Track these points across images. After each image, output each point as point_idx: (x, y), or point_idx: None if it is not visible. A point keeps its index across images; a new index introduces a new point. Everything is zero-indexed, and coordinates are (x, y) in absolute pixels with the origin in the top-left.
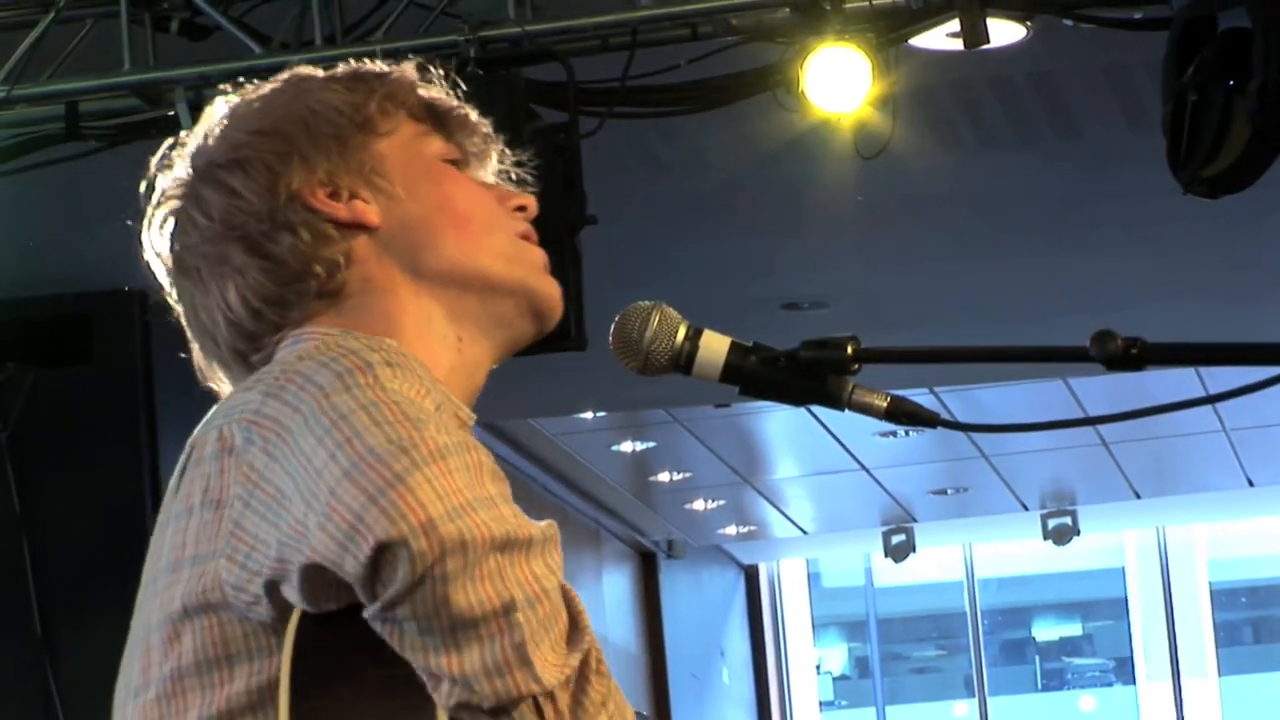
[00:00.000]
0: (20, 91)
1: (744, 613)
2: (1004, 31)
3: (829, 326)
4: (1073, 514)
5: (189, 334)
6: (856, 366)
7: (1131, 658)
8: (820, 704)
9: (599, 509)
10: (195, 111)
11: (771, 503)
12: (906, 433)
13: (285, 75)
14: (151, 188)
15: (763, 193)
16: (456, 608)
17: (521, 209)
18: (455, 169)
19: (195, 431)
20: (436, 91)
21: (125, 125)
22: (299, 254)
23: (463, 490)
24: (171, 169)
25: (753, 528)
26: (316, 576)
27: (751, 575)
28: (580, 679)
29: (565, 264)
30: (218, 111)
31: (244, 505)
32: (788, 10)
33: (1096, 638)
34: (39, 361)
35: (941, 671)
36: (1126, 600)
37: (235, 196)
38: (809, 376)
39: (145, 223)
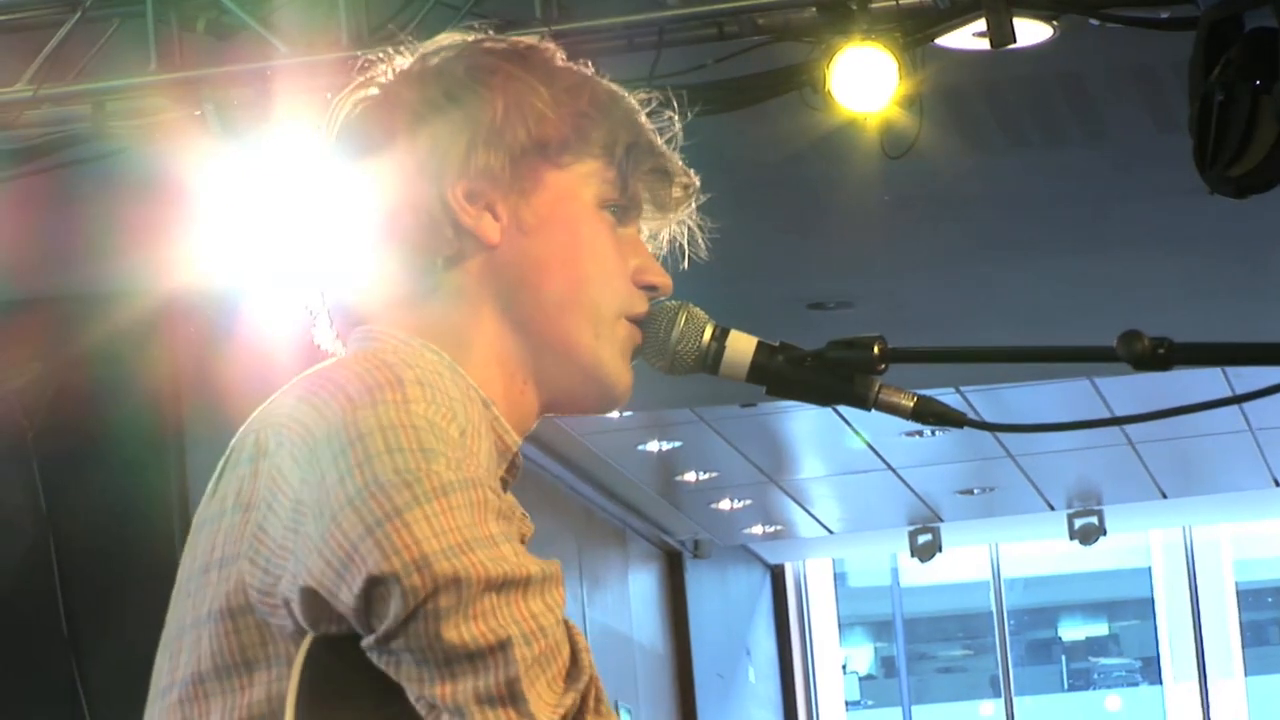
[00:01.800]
0: (47, 91)
1: (770, 612)
2: (1030, 31)
3: (855, 326)
4: (1099, 514)
5: None
6: (883, 366)
7: (1158, 657)
8: (846, 704)
9: (625, 509)
10: (222, 111)
11: (797, 502)
12: (933, 432)
13: (525, 45)
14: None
15: (789, 192)
16: (449, 643)
17: (653, 289)
18: (609, 220)
19: (237, 435)
20: (646, 135)
21: (152, 125)
22: (412, 235)
23: (461, 529)
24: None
25: (779, 527)
26: (313, 600)
27: (777, 575)
28: (576, 717)
29: None
30: (449, 44)
31: (267, 508)
32: (814, 10)
33: (1123, 637)
34: (65, 362)
35: (967, 671)
36: (1153, 600)
37: (390, 149)
38: (835, 376)
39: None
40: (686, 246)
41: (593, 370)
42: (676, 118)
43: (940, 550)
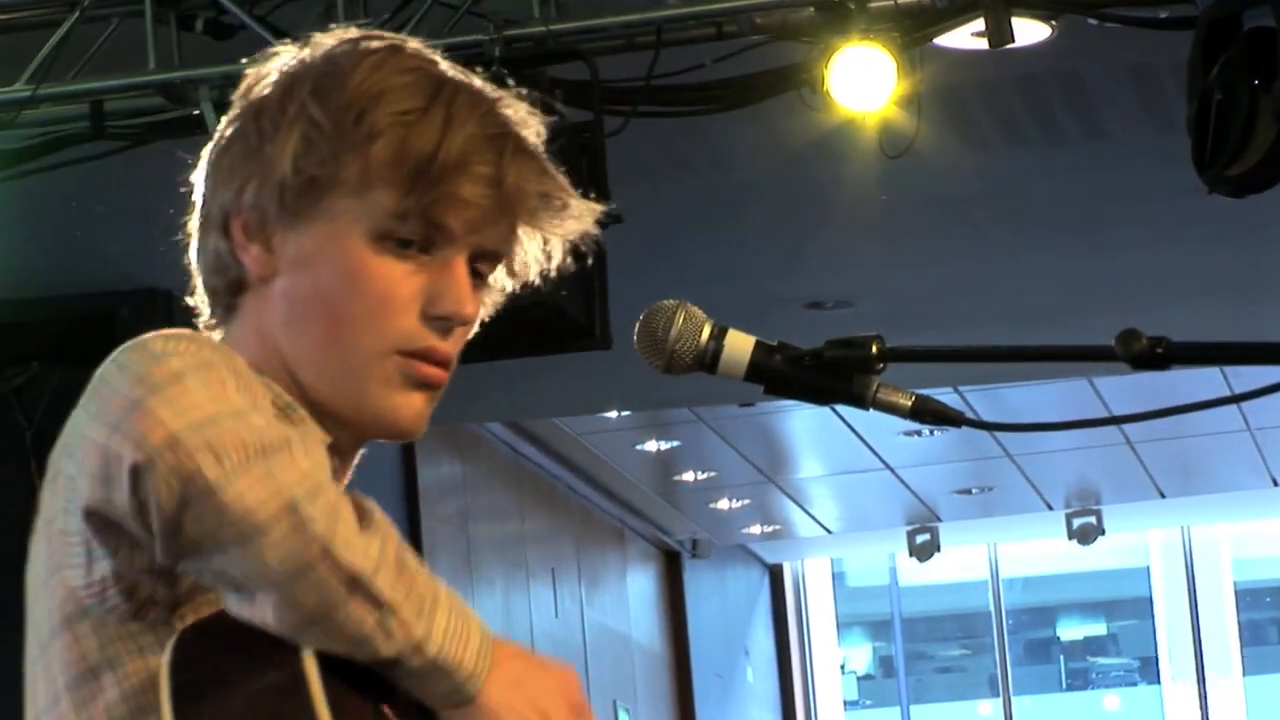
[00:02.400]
0: (45, 91)
1: (768, 612)
2: (1029, 31)
3: (853, 325)
4: (1097, 513)
5: None
6: (881, 365)
7: (1156, 657)
8: (845, 703)
9: (623, 508)
10: (220, 110)
11: (796, 502)
12: (931, 432)
13: (337, 61)
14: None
15: (787, 192)
16: (235, 513)
17: (443, 319)
18: (392, 257)
19: None
20: (456, 152)
21: (150, 124)
22: (211, 259)
23: (204, 405)
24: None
25: (777, 527)
26: (99, 523)
27: (776, 574)
28: (402, 573)
29: (590, 263)
30: (285, 65)
31: (63, 512)
32: (813, 9)
33: (1121, 637)
34: (64, 360)
35: (966, 671)
36: (1151, 600)
37: (209, 176)
38: (834, 375)
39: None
40: (551, 261)
41: (360, 408)
42: (528, 110)
43: (939, 550)
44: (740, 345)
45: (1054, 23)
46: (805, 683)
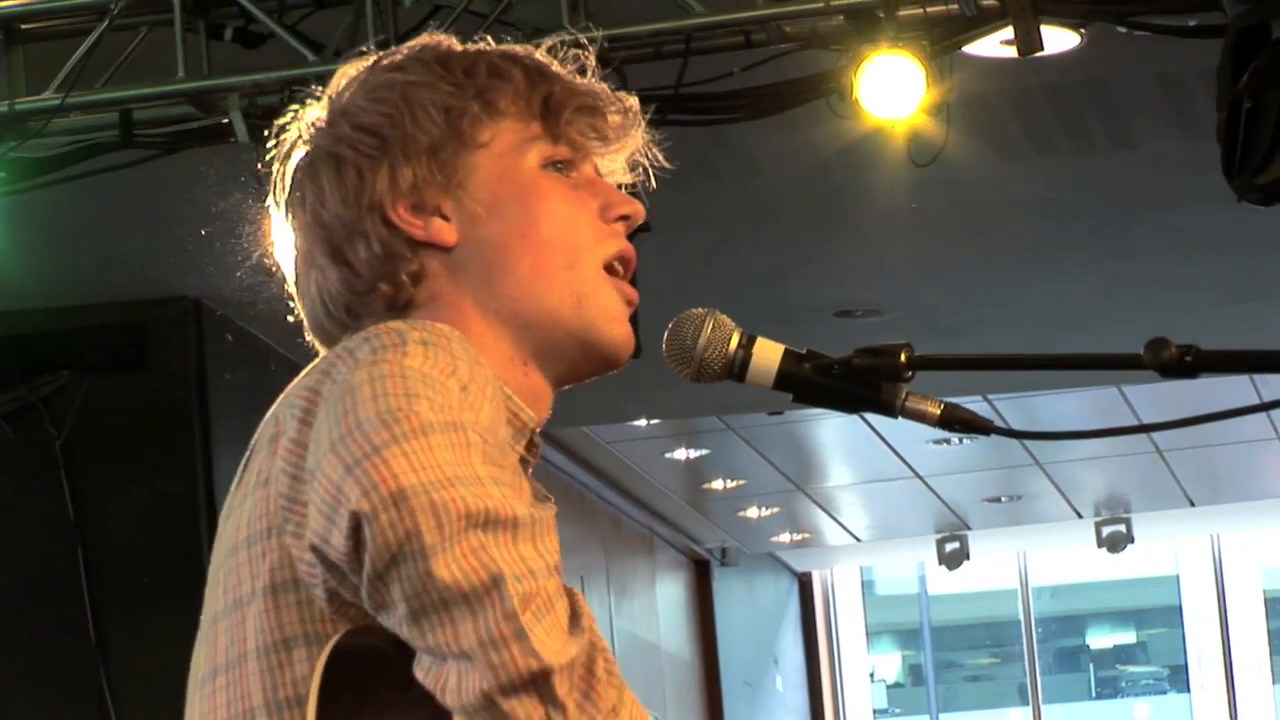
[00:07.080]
0: (74, 99)
1: (798, 620)
2: (1058, 39)
3: (882, 334)
4: (1127, 521)
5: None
6: (910, 374)
7: (1186, 666)
8: (874, 712)
9: (652, 516)
10: (249, 119)
11: (825, 510)
12: (960, 440)
13: (416, 49)
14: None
15: (816, 200)
16: (440, 581)
17: (625, 218)
18: (558, 177)
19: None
20: (560, 80)
21: (179, 133)
22: (371, 267)
23: (442, 466)
24: (311, 115)
25: (806, 535)
26: (322, 560)
27: (805, 583)
28: (589, 677)
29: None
30: (350, 76)
31: (290, 478)
32: (841, 18)
33: (1151, 646)
34: (93, 368)
35: (995, 679)
36: (1181, 608)
37: (323, 196)
38: (862, 384)
39: (279, 162)
40: (649, 165)
41: (583, 335)
42: (591, 54)
43: (968, 558)
44: (769, 353)
45: (1083, 31)
46: (834, 691)
